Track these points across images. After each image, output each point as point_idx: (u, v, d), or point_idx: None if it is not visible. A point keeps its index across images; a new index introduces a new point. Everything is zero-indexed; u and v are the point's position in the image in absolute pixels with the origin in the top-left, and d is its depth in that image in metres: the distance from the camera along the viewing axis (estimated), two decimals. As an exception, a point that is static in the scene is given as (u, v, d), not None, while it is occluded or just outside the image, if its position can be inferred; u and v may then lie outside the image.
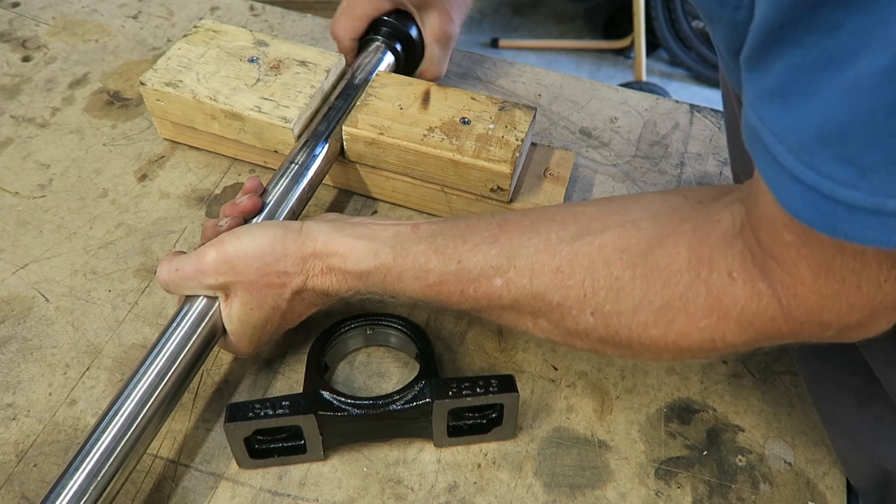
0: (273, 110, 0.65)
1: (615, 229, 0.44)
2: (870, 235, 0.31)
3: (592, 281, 0.44)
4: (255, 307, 0.50)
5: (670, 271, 0.42)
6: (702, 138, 0.76)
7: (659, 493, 0.52)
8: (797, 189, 0.32)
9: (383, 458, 0.53)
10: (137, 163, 0.71)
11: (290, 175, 0.60)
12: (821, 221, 0.32)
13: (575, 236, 0.45)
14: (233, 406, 0.49)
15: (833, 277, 0.36)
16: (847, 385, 0.50)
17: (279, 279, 0.50)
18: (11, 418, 0.54)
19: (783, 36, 0.31)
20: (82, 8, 0.86)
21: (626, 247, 0.43)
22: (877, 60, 0.28)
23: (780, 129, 0.32)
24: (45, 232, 0.65)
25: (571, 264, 0.45)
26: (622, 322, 0.44)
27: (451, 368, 0.58)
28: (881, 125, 0.29)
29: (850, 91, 0.29)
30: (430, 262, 0.48)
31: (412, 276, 0.49)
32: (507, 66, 0.82)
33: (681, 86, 2.25)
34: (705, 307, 0.41)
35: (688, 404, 0.57)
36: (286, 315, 0.52)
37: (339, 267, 0.50)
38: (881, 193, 0.30)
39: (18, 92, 0.77)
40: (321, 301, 0.53)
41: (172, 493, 0.51)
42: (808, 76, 0.31)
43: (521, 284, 0.46)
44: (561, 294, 0.45)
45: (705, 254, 0.41)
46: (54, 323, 0.59)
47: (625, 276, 0.43)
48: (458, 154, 0.61)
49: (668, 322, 0.42)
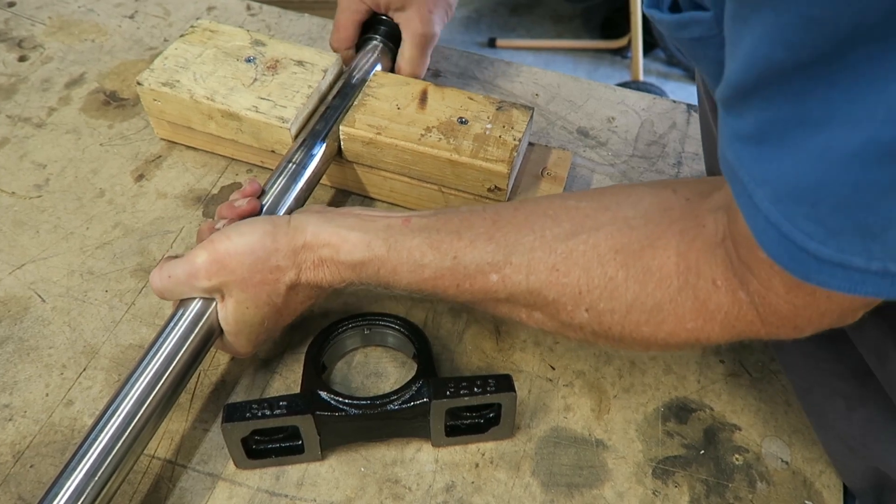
0: (270, 110, 0.65)
1: (608, 227, 0.45)
2: (836, 284, 0.33)
3: (588, 279, 0.45)
4: (250, 305, 0.50)
5: (661, 275, 0.43)
6: (699, 138, 0.76)
7: (656, 493, 0.52)
8: (772, 233, 0.33)
9: (381, 458, 0.53)
10: (134, 163, 0.71)
11: (288, 175, 0.60)
12: (793, 266, 0.34)
13: (569, 234, 0.46)
14: (230, 406, 0.49)
15: (805, 290, 0.37)
16: (836, 390, 0.50)
17: (272, 274, 0.50)
18: (8, 419, 0.54)
19: (756, 92, 0.32)
20: (78, 8, 0.86)
21: (620, 246, 0.44)
22: (846, 138, 0.29)
23: (757, 174, 0.33)
24: (41, 232, 0.65)
25: (567, 262, 0.45)
26: (615, 319, 0.45)
27: (449, 368, 0.58)
28: (848, 199, 0.30)
29: (820, 160, 0.30)
30: (425, 256, 0.49)
31: (407, 269, 0.49)
32: (505, 66, 0.82)
33: (678, 85, 2.25)
34: (693, 311, 0.42)
35: (685, 403, 0.57)
36: (282, 311, 0.52)
37: (331, 258, 0.50)
38: (847, 252, 0.31)
39: (14, 92, 0.76)
40: (315, 294, 0.53)
41: (170, 493, 0.51)
42: (781, 131, 0.32)
43: (517, 280, 0.47)
44: (556, 291, 0.46)
45: (692, 260, 0.42)
46: (51, 323, 0.59)
47: (618, 276, 0.44)
48: (456, 154, 0.61)
49: (659, 322, 0.44)
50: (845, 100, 0.29)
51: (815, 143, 0.30)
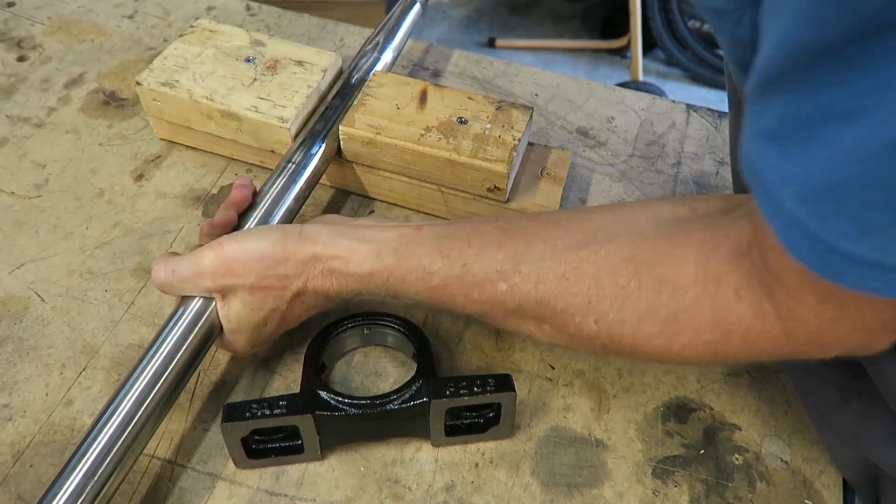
0: (270, 110, 0.65)
1: (622, 238, 0.44)
2: (871, 286, 0.31)
3: (598, 289, 0.43)
4: (254, 308, 0.50)
5: (677, 283, 0.41)
6: (698, 138, 0.76)
7: (656, 492, 0.52)
8: (800, 234, 0.32)
9: (380, 458, 0.53)
10: (134, 163, 0.71)
11: (287, 175, 0.60)
12: (824, 268, 0.32)
13: (581, 244, 0.45)
14: (230, 406, 0.49)
15: (835, 303, 0.36)
16: (829, 380, 0.50)
17: (279, 282, 0.50)
18: (7, 419, 0.54)
19: (781, 84, 0.31)
20: (78, 8, 0.86)
21: (633, 256, 0.43)
22: (880, 129, 0.27)
23: (781, 175, 0.32)
24: (41, 232, 0.65)
25: (577, 271, 0.44)
26: (626, 331, 0.43)
27: (449, 368, 0.58)
28: (885, 192, 0.29)
29: (852, 154, 0.29)
30: (434, 264, 0.48)
31: (415, 277, 0.49)
32: (504, 66, 0.82)
33: (677, 86, 2.26)
34: (711, 322, 0.41)
35: (685, 403, 0.57)
36: (285, 316, 0.52)
37: (340, 269, 0.50)
38: (883, 250, 0.30)
39: (14, 92, 0.76)
40: (322, 303, 0.53)
41: (169, 493, 0.51)
42: (806, 128, 0.30)
43: (526, 290, 0.46)
44: (565, 301, 0.45)
45: (713, 269, 0.40)
46: (50, 323, 0.59)
47: (630, 285, 0.43)
48: (455, 154, 0.61)
49: (673, 333, 0.42)
50: (882, 87, 0.27)
51: (847, 136, 0.28)
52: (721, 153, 0.75)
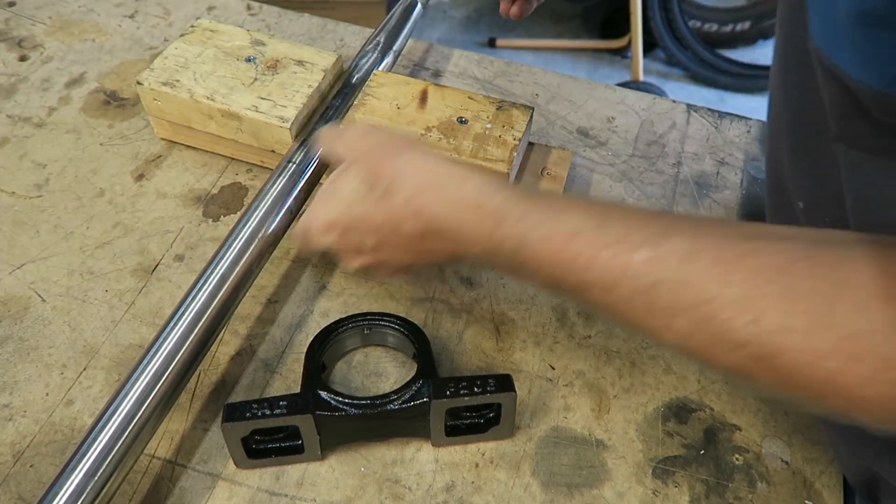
0: (270, 110, 0.65)
1: (795, 240, 0.37)
2: None
3: (762, 283, 0.35)
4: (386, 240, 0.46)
5: (866, 296, 0.33)
6: (698, 138, 0.76)
7: (656, 493, 0.52)
8: None
9: (381, 458, 0.53)
10: (134, 162, 0.71)
11: (288, 175, 0.60)
12: None
13: (749, 235, 0.38)
14: (230, 406, 0.49)
15: None
16: None
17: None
18: (8, 419, 0.54)
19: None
20: (79, 7, 0.86)
21: (808, 256, 0.36)
22: None
23: None
24: (41, 232, 0.65)
25: (738, 258, 0.37)
26: (787, 342, 0.34)
27: (449, 368, 0.58)
28: None
29: None
30: (570, 217, 0.42)
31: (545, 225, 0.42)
32: (505, 66, 0.82)
33: (678, 85, 2.26)
34: None
35: (685, 403, 0.57)
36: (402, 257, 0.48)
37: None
38: None
39: (14, 91, 0.76)
40: (449, 248, 0.47)
41: (169, 493, 0.51)
42: None
43: (670, 265, 0.38)
44: (715, 288, 0.36)
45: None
46: (51, 323, 0.59)
47: (802, 286, 0.35)
48: (456, 153, 0.61)
49: (852, 358, 0.33)
50: None
51: None
52: (721, 153, 0.75)
